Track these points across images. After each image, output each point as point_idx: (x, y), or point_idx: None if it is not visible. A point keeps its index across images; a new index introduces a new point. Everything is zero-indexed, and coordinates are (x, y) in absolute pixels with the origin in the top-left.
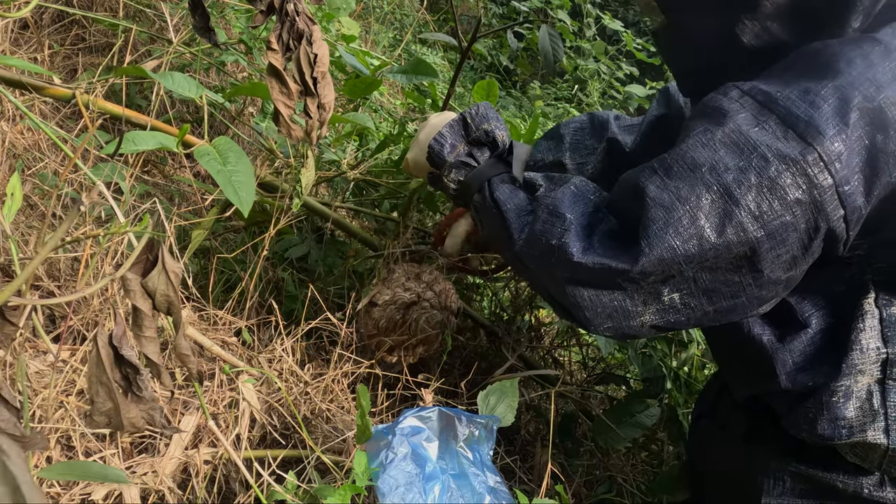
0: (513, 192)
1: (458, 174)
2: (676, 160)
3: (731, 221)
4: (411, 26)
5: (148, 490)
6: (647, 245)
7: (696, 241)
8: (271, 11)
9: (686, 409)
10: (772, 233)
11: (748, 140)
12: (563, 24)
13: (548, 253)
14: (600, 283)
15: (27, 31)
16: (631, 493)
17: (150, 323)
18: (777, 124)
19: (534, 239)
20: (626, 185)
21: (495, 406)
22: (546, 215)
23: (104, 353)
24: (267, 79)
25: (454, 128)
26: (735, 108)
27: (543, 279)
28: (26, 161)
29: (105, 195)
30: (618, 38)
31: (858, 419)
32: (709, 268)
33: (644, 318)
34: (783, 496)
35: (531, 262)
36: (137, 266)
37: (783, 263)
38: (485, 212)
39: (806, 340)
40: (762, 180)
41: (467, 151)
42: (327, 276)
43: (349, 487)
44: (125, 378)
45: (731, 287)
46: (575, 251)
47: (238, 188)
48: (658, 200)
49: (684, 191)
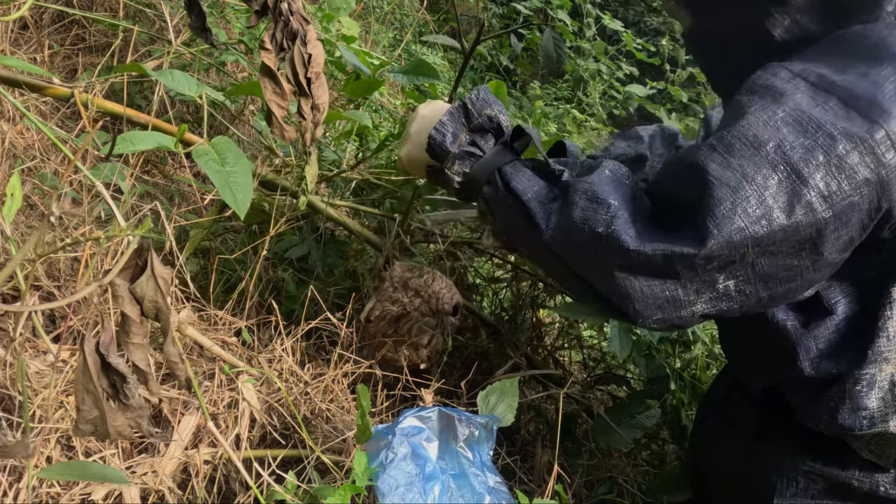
0: (530, 179)
1: (462, 165)
2: (738, 138)
3: (800, 202)
4: (411, 26)
5: (148, 490)
6: (715, 227)
7: (766, 221)
8: (265, 11)
9: (690, 409)
10: (839, 213)
11: (811, 118)
12: (563, 25)
13: (593, 242)
14: (656, 271)
15: (27, 32)
16: (631, 494)
17: (139, 329)
18: (838, 105)
19: (572, 227)
20: (679, 166)
21: (495, 406)
22: (585, 202)
23: (91, 360)
24: (260, 79)
25: (455, 115)
26: (790, 89)
27: (584, 269)
28: (26, 161)
29: (104, 196)
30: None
31: (880, 409)
32: (771, 252)
33: (696, 308)
34: (796, 497)
35: (568, 252)
36: (126, 272)
37: (842, 245)
38: (498, 203)
39: (831, 327)
40: (830, 159)
41: (470, 140)
42: (327, 276)
43: (349, 487)
44: (112, 386)
45: (789, 271)
46: (628, 239)
47: (235, 190)
48: (722, 179)
49: (749, 169)
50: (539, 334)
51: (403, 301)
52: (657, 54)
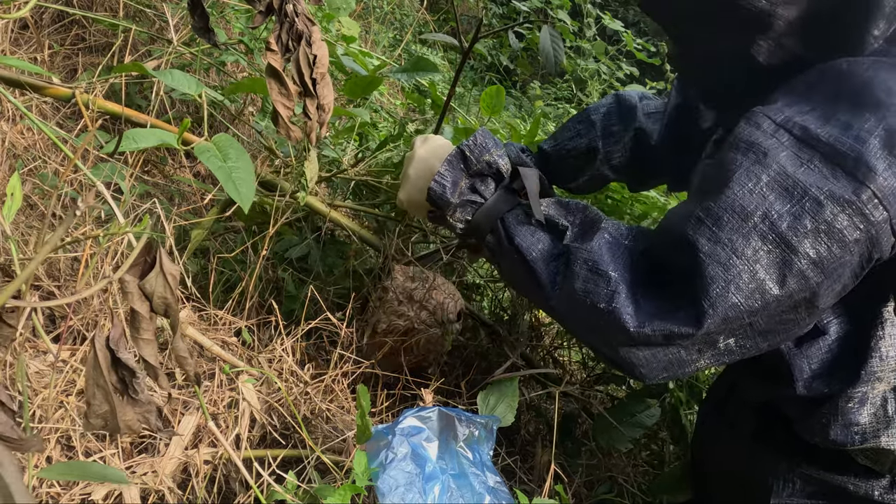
0: (534, 234)
1: (463, 213)
2: (725, 209)
3: (791, 271)
4: (411, 26)
5: (148, 490)
6: (710, 307)
7: (759, 294)
8: (270, 12)
9: (689, 409)
10: (831, 274)
11: (796, 182)
12: (563, 24)
13: (595, 315)
14: (658, 344)
15: (27, 31)
16: (632, 494)
17: (148, 325)
18: (822, 163)
19: (574, 298)
20: (671, 236)
21: (495, 406)
22: (586, 272)
23: (101, 355)
24: (266, 80)
25: (453, 163)
26: (773, 145)
27: (587, 335)
28: (26, 161)
29: (104, 195)
30: (618, 38)
31: (872, 425)
32: (768, 314)
33: (700, 363)
34: (792, 497)
35: (570, 320)
36: (135, 268)
37: (836, 294)
38: (503, 255)
39: (824, 347)
40: (818, 224)
41: (470, 185)
42: (327, 276)
43: (349, 487)
44: (122, 381)
45: (787, 324)
46: (629, 319)
47: (239, 185)
48: (713, 256)
49: (739, 243)
50: (538, 334)
51: (409, 315)
52: (657, 54)
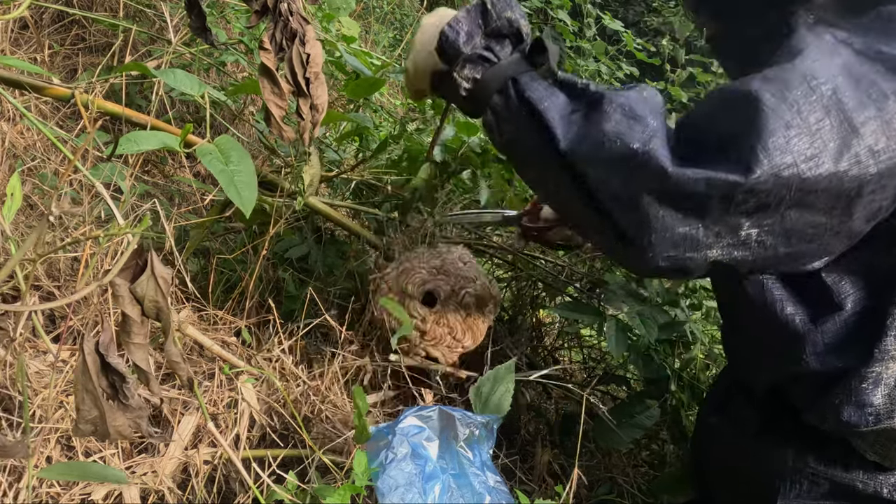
0: (549, 90)
1: (473, 70)
2: (796, 75)
3: (848, 151)
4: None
5: (148, 490)
6: (766, 156)
7: (814, 163)
8: (266, 11)
9: (690, 409)
10: (881, 173)
11: (864, 74)
12: (563, 24)
13: (627, 157)
14: (685, 202)
15: (27, 31)
16: (632, 494)
17: (139, 329)
18: (885, 70)
19: (601, 140)
20: (730, 95)
21: (488, 396)
22: (620, 115)
23: (90, 360)
24: (259, 79)
25: (471, 14)
26: (838, 49)
27: (605, 189)
28: (26, 161)
29: (104, 196)
30: (618, 38)
31: (885, 406)
32: (806, 203)
33: (711, 252)
34: (799, 498)
35: (590, 167)
36: (126, 272)
37: (871, 212)
38: (508, 115)
39: (839, 322)
40: (882, 115)
41: (485, 44)
42: (327, 277)
43: (349, 487)
44: (112, 385)
45: (815, 229)
46: (666, 160)
47: (241, 188)
48: (778, 112)
49: (805, 109)
50: (539, 334)
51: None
52: (657, 54)
